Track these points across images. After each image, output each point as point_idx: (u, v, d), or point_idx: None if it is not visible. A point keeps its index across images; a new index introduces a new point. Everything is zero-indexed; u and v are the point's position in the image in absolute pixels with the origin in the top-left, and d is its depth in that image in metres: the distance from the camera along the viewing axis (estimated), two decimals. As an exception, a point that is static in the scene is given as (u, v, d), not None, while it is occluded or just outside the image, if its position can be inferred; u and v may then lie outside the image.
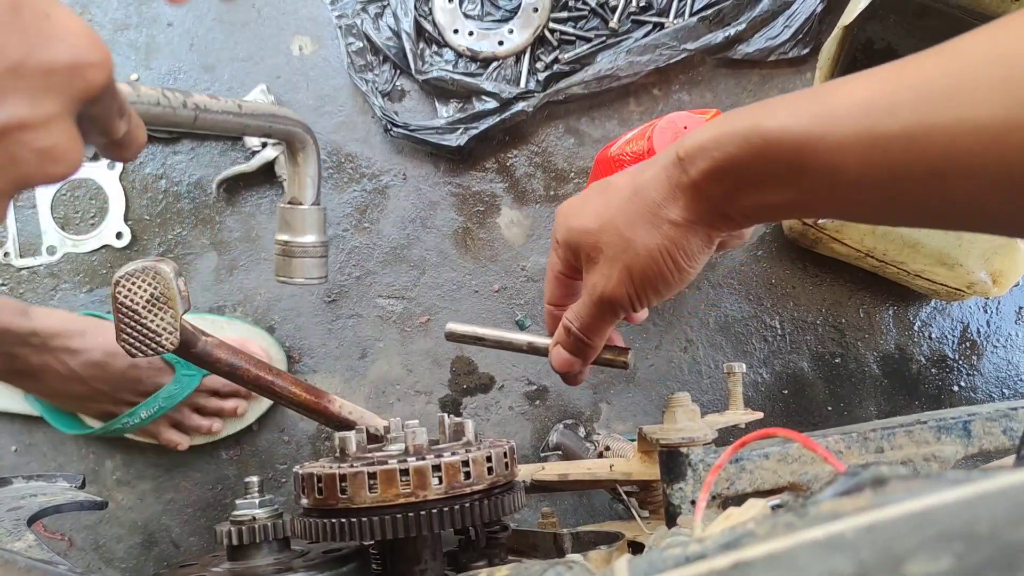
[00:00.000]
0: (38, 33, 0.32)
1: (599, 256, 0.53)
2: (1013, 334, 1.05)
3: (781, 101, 0.44)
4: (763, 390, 1.04)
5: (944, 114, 0.36)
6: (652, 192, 0.50)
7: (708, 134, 0.47)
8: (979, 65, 0.35)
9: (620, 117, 1.05)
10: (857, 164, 0.40)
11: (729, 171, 0.46)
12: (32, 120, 0.32)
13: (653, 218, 0.50)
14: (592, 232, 0.53)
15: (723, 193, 0.47)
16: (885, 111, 0.38)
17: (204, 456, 1.03)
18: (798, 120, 0.42)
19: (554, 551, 0.64)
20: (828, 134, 0.40)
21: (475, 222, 1.06)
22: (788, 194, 0.45)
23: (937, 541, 0.22)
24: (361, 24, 1.05)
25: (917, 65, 0.38)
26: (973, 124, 0.35)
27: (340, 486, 0.51)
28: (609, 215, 0.52)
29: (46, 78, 0.32)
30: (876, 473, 0.31)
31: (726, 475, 0.59)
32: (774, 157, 0.43)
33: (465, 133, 1.01)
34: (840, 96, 0.41)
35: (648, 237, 0.50)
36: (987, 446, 0.60)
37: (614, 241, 0.52)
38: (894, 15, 1.05)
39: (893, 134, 0.38)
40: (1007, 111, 0.34)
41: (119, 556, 1.04)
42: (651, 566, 0.30)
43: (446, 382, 1.05)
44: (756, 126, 0.44)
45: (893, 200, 0.41)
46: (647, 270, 0.51)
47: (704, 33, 1.01)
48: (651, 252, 0.51)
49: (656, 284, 0.52)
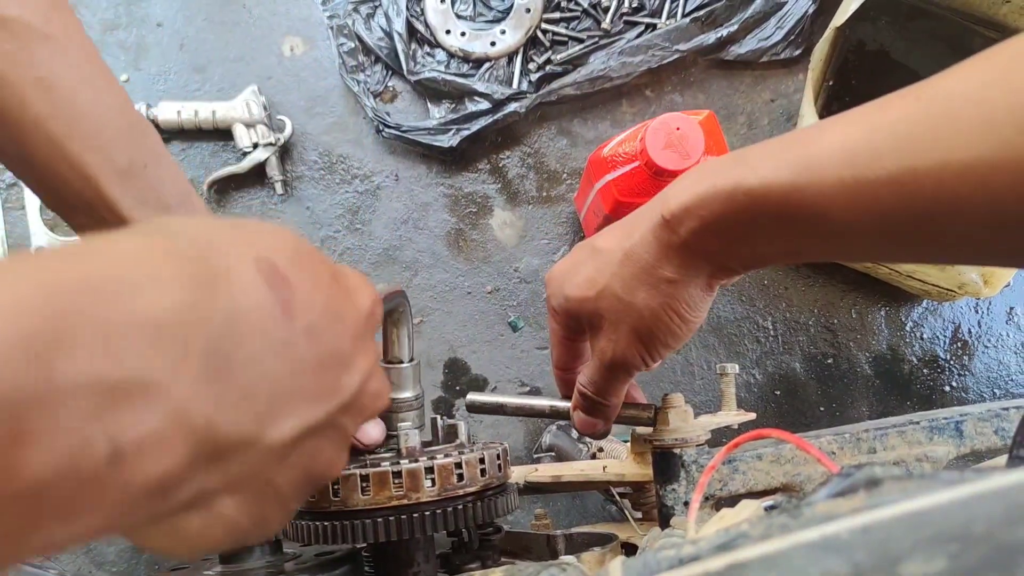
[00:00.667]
0: (353, 295, 0.35)
1: (602, 322, 0.53)
2: (1004, 334, 1.05)
3: (760, 152, 0.43)
4: (756, 391, 1.04)
5: (930, 157, 0.36)
6: (644, 254, 0.49)
7: (691, 193, 0.46)
8: (959, 106, 0.35)
9: (613, 118, 1.05)
10: (845, 212, 0.39)
11: (718, 229, 0.46)
12: (372, 367, 0.35)
13: (650, 279, 0.50)
14: (590, 300, 0.52)
15: (715, 249, 0.47)
16: (869, 157, 0.38)
17: (195, 459, 1.03)
18: (779, 173, 0.41)
19: (547, 553, 0.63)
20: (812, 184, 0.40)
21: (468, 223, 1.06)
22: (779, 245, 0.45)
23: (932, 542, 0.22)
24: (353, 24, 1.04)
25: (895, 108, 0.38)
26: (960, 166, 0.35)
27: (332, 488, 0.51)
28: (604, 281, 0.51)
29: (367, 329, 0.36)
30: (870, 474, 0.31)
31: (719, 476, 0.59)
32: (760, 212, 0.43)
33: (457, 134, 1.01)
34: (821, 144, 0.40)
35: (649, 298, 0.50)
36: (979, 446, 0.60)
37: (614, 306, 0.52)
38: (886, 17, 1.06)
39: (880, 180, 0.37)
40: (993, 152, 0.34)
41: (110, 559, 1.04)
42: (645, 568, 0.30)
43: (439, 384, 1.05)
44: (739, 183, 0.43)
45: (885, 242, 0.40)
46: (654, 329, 0.51)
47: (696, 34, 1.01)
48: (654, 312, 0.51)
49: (665, 340, 0.52)
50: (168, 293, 0.25)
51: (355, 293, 0.36)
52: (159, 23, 1.08)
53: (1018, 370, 1.05)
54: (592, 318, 0.53)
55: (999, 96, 0.34)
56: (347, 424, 0.34)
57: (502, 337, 1.05)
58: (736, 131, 1.05)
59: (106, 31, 1.07)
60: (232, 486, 0.29)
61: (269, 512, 0.32)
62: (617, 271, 0.51)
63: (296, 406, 0.30)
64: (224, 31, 1.08)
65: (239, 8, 1.08)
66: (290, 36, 1.08)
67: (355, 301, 0.35)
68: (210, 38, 1.07)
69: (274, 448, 0.29)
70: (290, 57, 1.07)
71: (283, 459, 0.30)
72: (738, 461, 0.59)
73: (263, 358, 0.28)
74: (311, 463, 0.33)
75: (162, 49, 1.07)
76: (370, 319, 0.36)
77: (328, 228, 1.04)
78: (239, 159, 1.03)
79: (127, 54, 1.07)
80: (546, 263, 1.05)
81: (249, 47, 1.07)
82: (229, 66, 1.07)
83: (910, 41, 1.06)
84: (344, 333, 0.33)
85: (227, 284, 0.27)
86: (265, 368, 0.28)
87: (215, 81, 1.07)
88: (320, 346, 0.31)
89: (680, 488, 0.60)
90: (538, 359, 1.04)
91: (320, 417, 0.31)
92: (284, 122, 1.04)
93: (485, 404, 0.62)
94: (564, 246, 1.05)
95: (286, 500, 0.32)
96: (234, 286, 0.27)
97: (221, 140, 1.05)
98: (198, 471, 0.26)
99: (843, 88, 1.06)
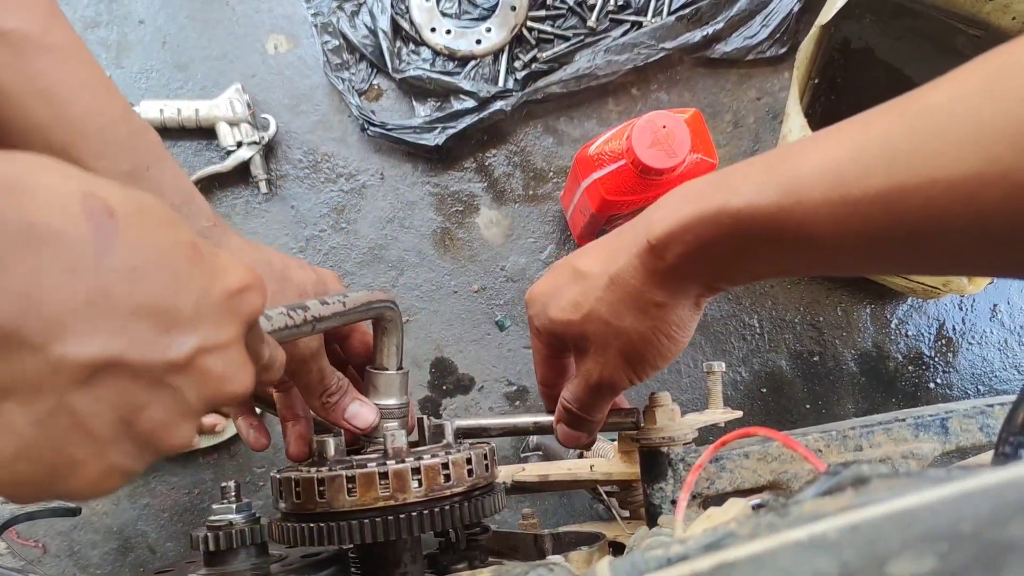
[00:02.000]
0: (215, 268, 0.36)
1: (588, 345, 0.53)
2: (987, 331, 1.06)
3: (743, 173, 0.43)
4: (742, 389, 1.04)
5: (918, 174, 0.35)
6: (630, 280, 0.49)
7: (675, 218, 0.45)
8: (945, 122, 0.35)
9: (599, 116, 1.05)
10: (833, 231, 0.39)
11: (704, 253, 0.45)
12: (215, 344, 0.35)
13: (638, 303, 0.50)
14: (575, 323, 0.52)
15: (702, 271, 0.47)
16: (856, 176, 0.37)
17: (181, 461, 1.02)
18: (765, 194, 0.41)
19: (535, 552, 0.63)
20: (799, 205, 0.40)
21: (454, 222, 1.05)
22: (767, 264, 0.45)
23: (920, 541, 0.22)
24: (337, 22, 1.04)
25: (880, 125, 0.38)
26: (948, 183, 0.34)
27: (319, 490, 0.50)
28: (589, 306, 0.51)
29: (224, 305, 0.36)
30: (858, 472, 0.31)
31: (706, 474, 0.59)
32: (746, 234, 0.42)
33: (443, 132, 1.01)
34: (806, 164, 0.40)
35: (637, 323, 0.50)
36: (964, 443, 0.61)
37: (601, 330, 0.51)
38: (870, 15, 1.06)
39: (867, 198, 0.37)
40: (982, 167, 0.33)
41: (94, 562, 1.03)
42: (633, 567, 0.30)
43: (426, 383, 1.04)
44: (723, 206, 0.43)
45: (874, 258, 0.40)
46: (642, 352, 0.52)
47: (682, 32, 1.01)
48: (643, 335, 0.51)
49: (654, 361, 0.52)
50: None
51: (222, 272, 0.36)
52: (141, 20, 1.07)
53: (1001, 367, 1.06)
54: (578, 341, 0.53)
55: (986, 111, 0.33)
56: (184, 391, 0.34)
57: (489, 336, 1.04)
58: (722, 129, 1.05)
59: (87, 28, 1.06)
60: (17, 390, 0.30)
61: (77, 451, 0.32)
62: (603, 296, 0.51)
63: (93, 332, 0.30)
64: (207, 28, 1.07)
65: (222, 5, 1.07)
66: (274, 34, 1.07)
67: (216, 276, 0.36)
68: (193, 36, 1.06)
69: (64, 364, 0.30)
70: (274, 55, 1.07)
71: (82, 385, 0.31)
72: (725, 459, 0.59)
73: (52, 272, 0.29)
74: (131, 413, 0.33)
75: (144, 47, 1.06)
76: (232, 301, 0.36)
77: (313, 227, 1.04)
78: (223, 158, 1.03)
79: (108, 52, 1.06)
80: (532, 261, 1.05)
81: (232, 45, 1.07)
82: (212, 64, 1.06)
83: (894, 39, 1.06)
84: (182, 294, 0.34)
85: (32, 198, 0.29)
86: (53, 281, 0.29)
87: (198, 79, 1.06)
88: (139, 292, 0.32)
89: (667, 487, 0.59)
90: (525, 358, 1.03)
91: (131, 359, 0.32)
92: (268, 120, 1.04)
93: (470, 428, 0.62)
94: (551, 245, 1.05)
95: (100, 443, 0.32)
96: (39, 201, 0.29)
97: (204, 139, 1.04)
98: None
99: (828, 86, 1.06)
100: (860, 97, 1.05)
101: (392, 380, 0.56)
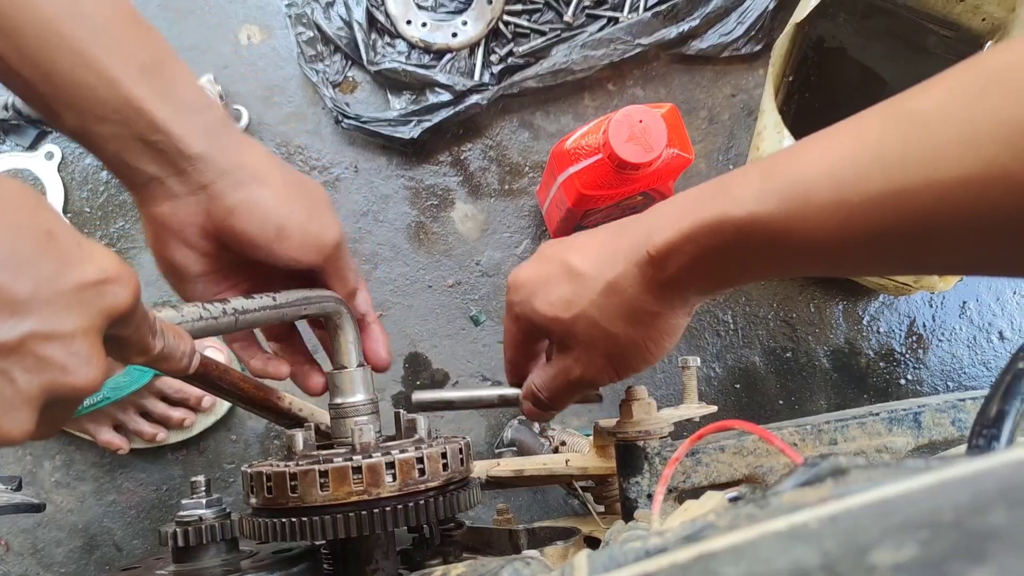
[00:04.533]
0: (69, 256, 0.35)
1: (573, 343, 0.53)
2: (957, 328, 1.07)
3: (741, 181, 0.43)
4: (716, 384, 1.05)
5: (915, 177, 0.36)
6: (628, 288, 0.49)
7: (676, 229, 0.45)
8: (939, 125, 0.35)
9: (575, 111, 1.05)
10: (834, 235, 0.39)
11: (706, 263, 0.46)
12: (54, 332, 0.35)
13: (635, 312, 0.50)
14: (564, 321, 0.52)
15: (701, 279, 0.47)
16: (856, 181, 0.38)
17: (148, 456, 1.01)
18: (765, 203, 0.41)
19: (510, 548, 0.63)
20: (800, 211, 0.40)
21: (429, 216, 1.05)
22: (768, 270, 0.45)
23: (901, 530, 0.21)
24: (312, 13, 1.03)
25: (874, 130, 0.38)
26: (945, 185, 0.35)
27: (290, 485, 0.50)
28: (582, 306, 0.51)
29: (73, 295, 0.35)
30: (836, 463, 0.31)
31: (682, 468, 0.59)
32: (748, 242, 0.43)
33: (418, 125, 1.00)
34: (804, 169, 0.40)
35: (632, 331, 0.50)
36: (936, 437, 0.61)
37: (590, 332, 0.51)
38: (843, 13, 1.07)
39: (867, 202, 0.37)
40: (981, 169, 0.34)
41: (59, 560, 1.01)
42: (611, 560, 0.29)
43: (399, 378, 1.03)
44: (724, 216, 0.43)
45: (876, 259, 0.41)
46: (628, 356, 0.52)
47: (658, 28, 1.01)
48: (633, 341, 0.51)
49: (638, 365, 0.53)
50: None
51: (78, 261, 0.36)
52: (111, 9, 1.05)
53: (970, 363, 1.07)
54: (564, 337, 0.53)
55: (980, 113, 0.34)
56: (14, 375, 0.34)
57: (463, 331, 1.04)
58: (697, 126, 1.05)
59: (55, 17, 1.04)
60: None
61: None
62: (597, 299, 0.50)
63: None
64: (179, 18, 1.05)
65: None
66: (247, 24, 1.06)
67: (69, 265, 0.35)
68: (164, 25, 1.05)
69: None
70: (247, 46, 1.05)
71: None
72: (701, 453, 0.59)
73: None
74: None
75: (114, 36, 1.04)
76: (86, 292, 0.36)
77: (286, 221, 1.03)
78: (194, 149, 1.01)
79: (77, 41, 1.04)
80: (508, 256, 1.04)
81: (204, 35, 1.05)
82: (184, 55, 1.04)
83: (867, 38, 1.07)
84: (20, 278, 0.33)
85: None
86: None
87: (169, 69, 1.04)
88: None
89: (644, 481, 0.59)
90: (500, 353, 1.03)
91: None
92: (241, 112, 1.02)
93: (433, 402, 0.61)
94: (526, 239, 1.05)
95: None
96: None
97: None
98: None
99: (803, 84, 1.07)
100: (834, 95, 1.06)
101: (354, 376, 0.55)
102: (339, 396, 0.55)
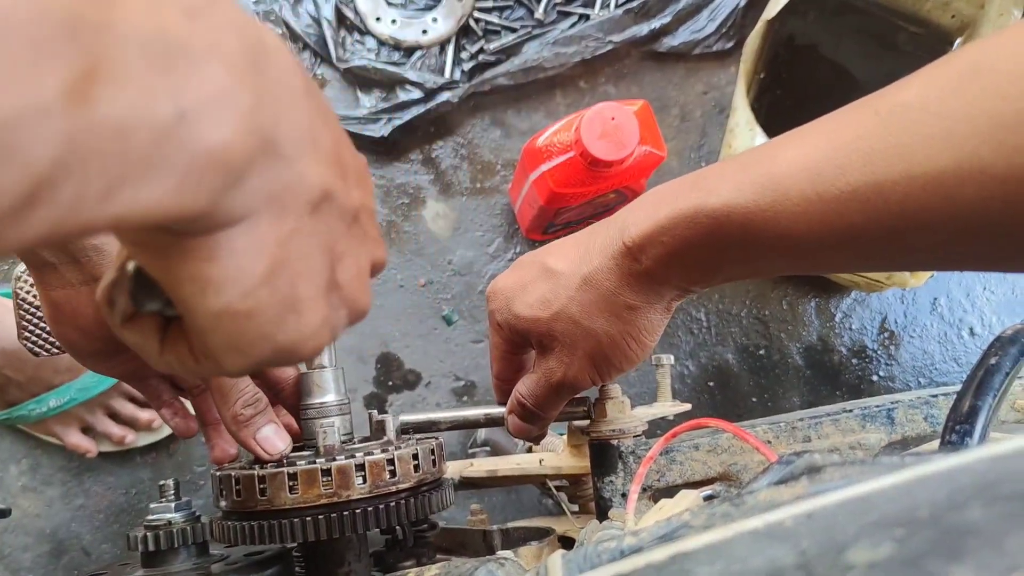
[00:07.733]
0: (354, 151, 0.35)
1: (553, 344, 0.52)
2: (928, 324, 1.08)
3: (718, 174, 0.43)
4: (689, 382, 1.05)
5: (895, 170, 0.36)
6: (604, 282, 0.49)
7: (652, 220, 0.45)
8: (918, 119, 0.35)
9: (547, 109, 1.05)
10: (811, 229, 0.39)
11: (682, 255, 0.45)
12: (366, 204, 0.34)
13: (611, 307, 0.49)
14: (543, 321, 0.51)
15: (678, 273, 0.47)
16: (833, 174, 0.38)
17: (117, 460, 0.99)
18: (742, 194, 0.41)
19: (484, 548, 0.62)
20: (776, 204, 0.40)
21: (400, 215, 1.04)
22: (744, 265, 0.45)
23: (877, 527, 0.21)
24: (280, 10, 1.01)
25: (854, 124, 0.38)
26: (924, 179, 0.35)
27: (259, 487, 0.49)
28: (560, 304, 0.51)
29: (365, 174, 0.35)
30: (811, 461, 0.31)
31: (656, 467, 0.59)
32: (724, 235, 0.42)
33: (389, 123, 0.99)
34: (781, 163, 0.40)
35: (609, 326, 0.50)
36: (909, 433, 0.61)
37: (570, 330, 0.51)
38: (814, 11, 1.07)
39: (845, 196, 0.37)
40: (958, 163, 0.34)
41: (26, 566, 0.99)
42: (586, 560, 0.29)
43: (371, 379, 1.02)
44: (700, 207, 0.43)
45: (853, 256, 0.41)
46: (609, 355, 0.51)
47: (630, 25, 1.01)
48: (612, 338, 0.50)
49: (619, 364, 0.52)
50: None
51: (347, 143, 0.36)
52: (74, 5, 1.03)
53: (941, 359, 1.08)
54: (544, 339, 0.52)
55: (959, 108, 0.34)
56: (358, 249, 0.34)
57: (436, 331, 1.03)
58: (669, 123, 1.05)
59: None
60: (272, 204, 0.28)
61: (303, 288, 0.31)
62: (575, 295, 0.50)
63: (318, 161, 0.30)
64: (144, 15, 1.03)
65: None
66: (214, 21, 1.04)
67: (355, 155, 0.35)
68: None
69: (304, 183, 0.29)
70: (214, 43, 1.04)
71: (312, 211, 0.30)
72: (675, 451, 0.59)
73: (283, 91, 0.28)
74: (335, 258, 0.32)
75: (77, 32, 1.03)
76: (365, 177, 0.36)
77: (256, 220, 1.01)
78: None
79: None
80: (480, 255, 1.04)
81: (171, 32, 1.03)
82: (150, 51, 1.03)
83: (837, 35, 1.08)
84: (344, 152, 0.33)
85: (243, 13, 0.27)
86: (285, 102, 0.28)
87: (135, 67, 1.02)
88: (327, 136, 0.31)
89: (618, 480, 0.59)
90: (473, 352, 1.02)
91: (338, 196, 0.31)
92: (208, 110, 1.01)
93: (419, 424, 0.61)
94: (498, 238, 1.04)
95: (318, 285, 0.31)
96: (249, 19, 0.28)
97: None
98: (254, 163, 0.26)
99: (774, 81, 1.07)
100: (805, 92, 1.06)
101: (324, 377, 0.55)
102: (307, 397, 0.55)
